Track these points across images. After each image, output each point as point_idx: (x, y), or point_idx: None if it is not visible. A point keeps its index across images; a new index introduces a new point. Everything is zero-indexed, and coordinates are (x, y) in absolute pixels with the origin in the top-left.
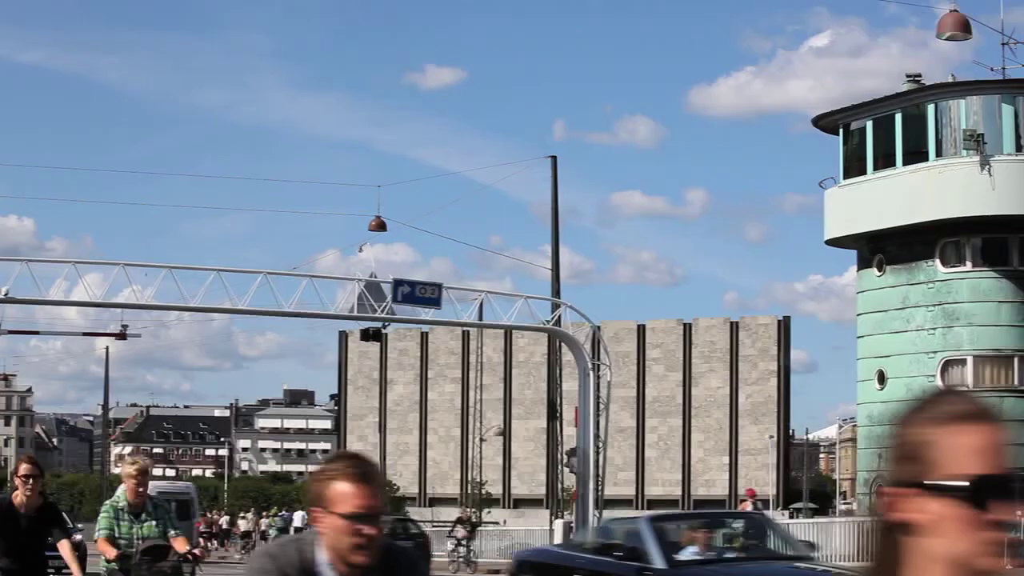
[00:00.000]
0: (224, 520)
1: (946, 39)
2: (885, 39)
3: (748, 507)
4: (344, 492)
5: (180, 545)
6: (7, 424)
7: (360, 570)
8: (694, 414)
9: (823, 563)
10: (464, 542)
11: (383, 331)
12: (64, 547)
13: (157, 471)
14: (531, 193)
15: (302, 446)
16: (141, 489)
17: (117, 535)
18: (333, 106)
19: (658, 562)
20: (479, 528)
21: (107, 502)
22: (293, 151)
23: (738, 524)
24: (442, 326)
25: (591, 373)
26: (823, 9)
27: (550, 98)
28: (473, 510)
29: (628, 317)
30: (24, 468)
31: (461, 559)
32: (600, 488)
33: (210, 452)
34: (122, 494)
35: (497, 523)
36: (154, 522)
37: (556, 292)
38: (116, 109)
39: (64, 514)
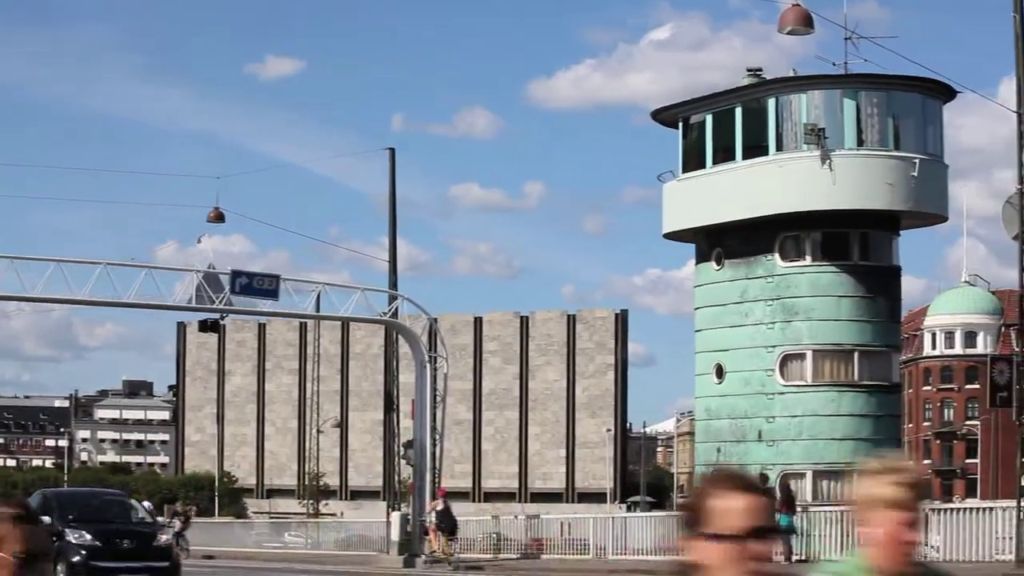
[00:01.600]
0: None
1: (788, 33)
2: (727, 33)
3: (440, 507)
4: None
5: None
6: None
7: None
8: (531, 407)
9: None
10: (183, 533)
11: (221, 322)
12: None
13: None
14: (370, 185)
15: (141, 437)
16: None
17: None
18: (173, 97)
19: None
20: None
21: None
22: (134, 142)
23: None
24: (280, 318)
25: (428, 365)
26: (664, 3)
27: (389, 90)
28: (311, 501)
29: (465, 309)
30: None
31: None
32: (437, 480)
33: (50, 442)
34: None
35: (335, 515)
36: None
37: (393, 284)
38: None
39: None
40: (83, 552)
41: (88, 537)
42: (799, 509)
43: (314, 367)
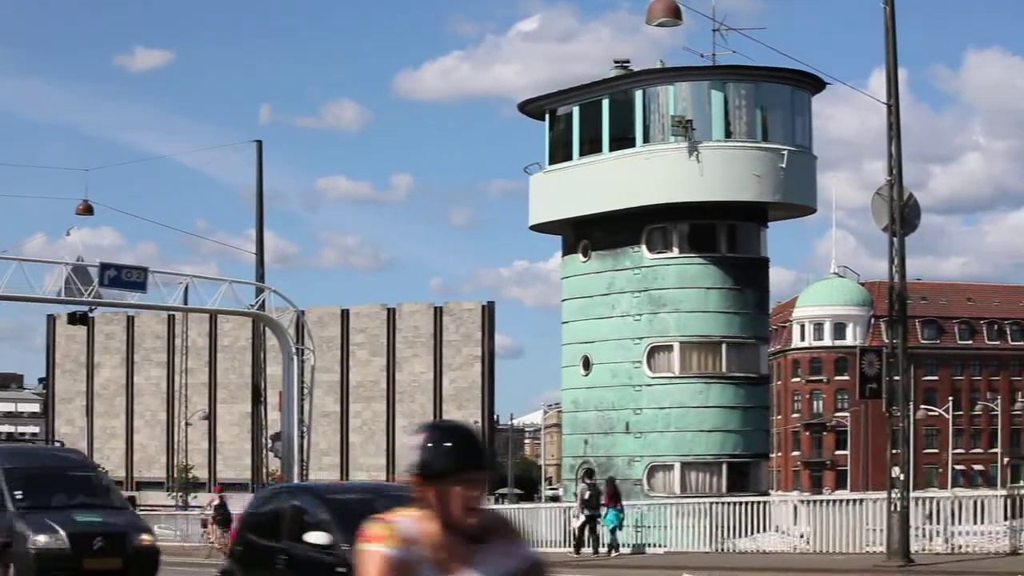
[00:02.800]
0: None
1: (656, 25)
2: (595, 24)
3: (216, 502)
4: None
5: None
6: None
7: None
8: (398, 399)
9: None
10: None
11: (90, 315)
12: None
13: None
14: (237, 177)
15: (11, 429)
16: None
17: None
18: (41, 88)
19: None
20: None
21: None
22: (1, 134)
23: None
24: (148, 310)
25: (295, 358)
26: None
27: (257, 82)
28: (180, 494)
29: (333, 302)
30: None
31: None
32: (305, 473)
33: None
34: None
35: (203, 507)
36: None
37: (261, 277)
38: None
39: None
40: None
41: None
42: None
43: (182, 360)
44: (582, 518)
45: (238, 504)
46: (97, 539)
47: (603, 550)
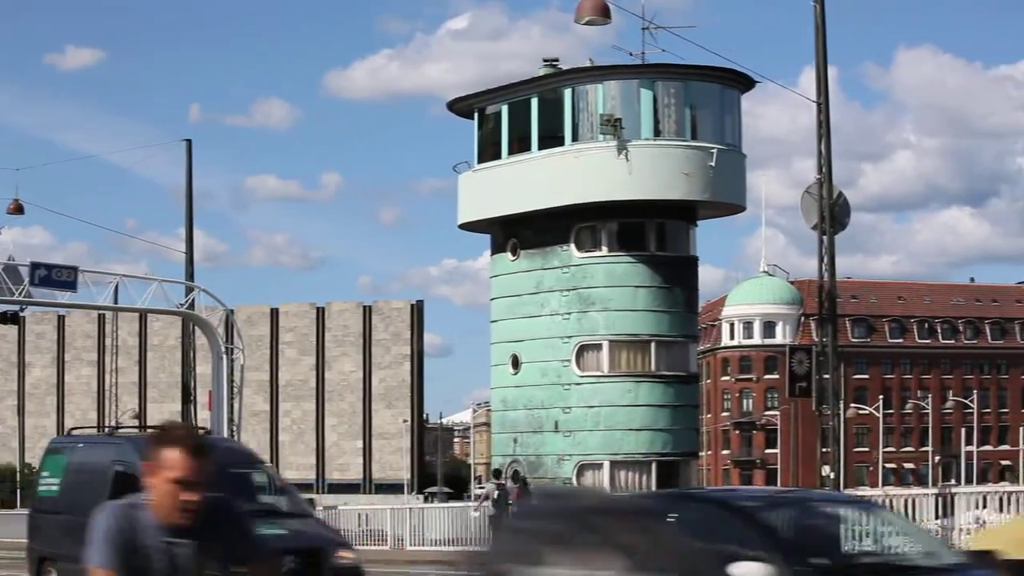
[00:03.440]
0: None
1: (585, 23)
2: (525, 22)
3: None
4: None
5: None
6: None
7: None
8: (327, 398)
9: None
10: None
11: (20, 314)
12: None
13: None
14: (167, 176)
15: None
16: None
17: None
18: None
19: None
20: None
21: None
22: None
23: None
24: (79, 309)
25: (224, 357)
26: None
27: (187, 81)
28: None
29: (262, 300)
30: None
31: None
32: None
33: None
34: None
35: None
36: None
37: (190, 276)
38: None
39: None
40: None
41: None
42: None
43: (113, 359)
44: (481, 514)
45: None
46: (288, 558)
47: None
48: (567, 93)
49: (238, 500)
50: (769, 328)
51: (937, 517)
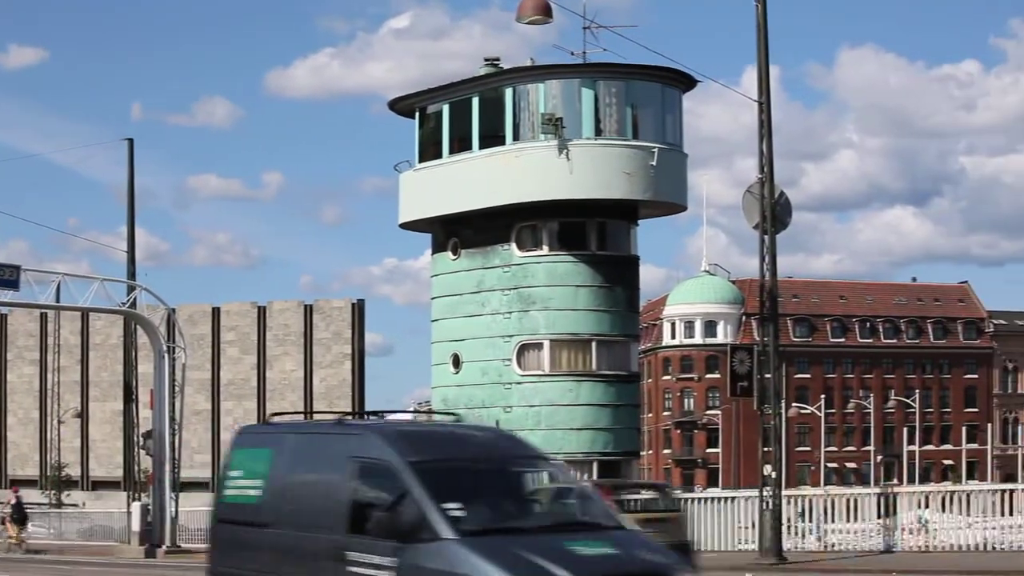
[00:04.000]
0: None
1: (527, 23)
2: (467, 21)
3: (13, 500)
4: None
5: None
6: None
7: None
8: (269, 397)
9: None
10: None
11: None
12: None
13: None
14: (109, 175)
15: None
16: None
17: None
18: None
19: None
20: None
21: None
22: None
23: None
24: (20, 308)
25: (166, 356)
26: None
27: (129, 79)
28: (53, 492)
29: (204, 300)
30: None
31: None
32: (176, 470)
33: None
34: None
35: (76, 505)
36: None
37: (132, 275)
38: None
39: None
40: None
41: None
42: None
43: (55, 358)
44: None
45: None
46: None
47: None
48: (508, 92)
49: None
50: (710, 327)
51: (879, 516)
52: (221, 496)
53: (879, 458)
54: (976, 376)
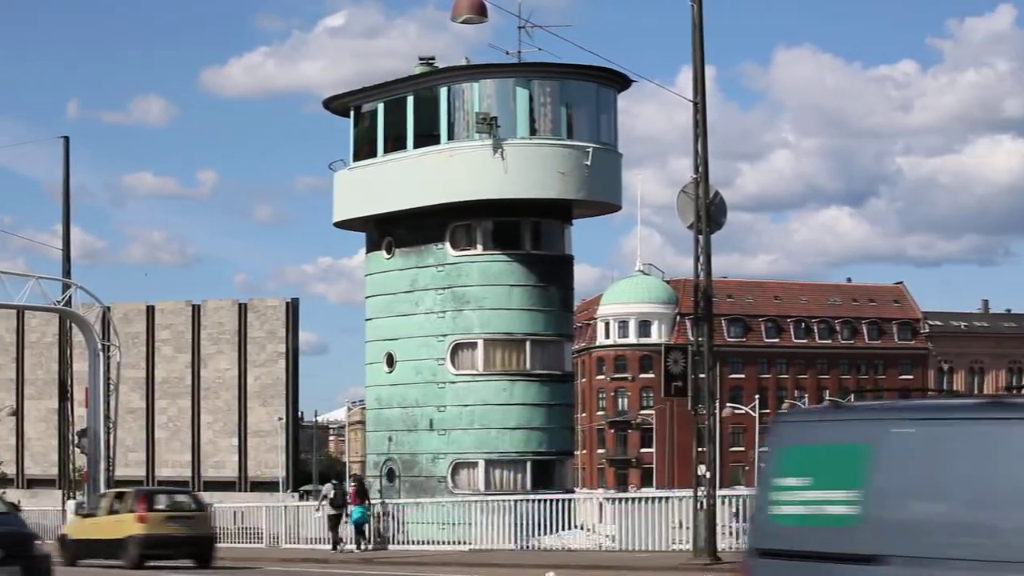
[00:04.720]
0: None
1: (462, 22)
2: (402, 20)
3: None
4: None
5: None
6: None
7: None
8: (203, 395)
9: None
10: None
11: None
12: None
13: None
14: (44, 172)
15: None
16: None
17: None
18: None
19: None
20: None
21: None
22: None
23: None
24: None
25: (101, 354)
26: None
27: (65, 77)
28: None
29: (139, 298)
30: None
31: None
32: (111, 469)
33: None
34: None
35: (12, 503)
36: None
37: (67, 273)
38: None
39: None
40: None
41: None
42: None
43: None
44: (322, 513)
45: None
46: None
47: (368, 546)
48: (443, 92)
49: None
50: (644, 327)
51: None
52: (764, 515)
53: None
54: (911, 377)
